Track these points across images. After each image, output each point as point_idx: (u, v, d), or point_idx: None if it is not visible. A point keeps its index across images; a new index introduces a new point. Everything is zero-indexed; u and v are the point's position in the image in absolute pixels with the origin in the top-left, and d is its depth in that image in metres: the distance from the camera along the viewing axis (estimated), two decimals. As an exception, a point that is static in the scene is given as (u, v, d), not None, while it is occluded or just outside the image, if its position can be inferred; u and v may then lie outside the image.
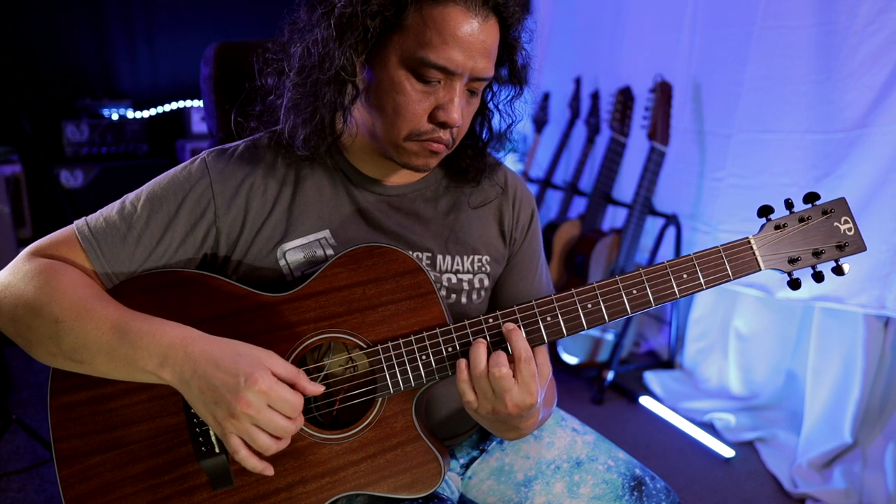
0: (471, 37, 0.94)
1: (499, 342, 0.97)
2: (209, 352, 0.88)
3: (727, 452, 2.46)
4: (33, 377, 2.91)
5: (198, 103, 4.47)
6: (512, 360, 0.92)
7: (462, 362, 0.94)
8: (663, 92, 2.79)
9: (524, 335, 0.95)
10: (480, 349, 0.93)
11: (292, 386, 0.90)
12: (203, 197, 1.03)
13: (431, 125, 0.99)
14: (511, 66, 1.07)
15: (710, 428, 2.64)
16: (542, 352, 0.97)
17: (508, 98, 1.11)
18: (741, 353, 2.80)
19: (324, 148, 1.04)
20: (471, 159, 1.14)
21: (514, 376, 0.91)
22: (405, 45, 0.95)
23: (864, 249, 1.01)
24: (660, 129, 2.80)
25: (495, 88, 1.10)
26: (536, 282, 1.22)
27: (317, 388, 0.92)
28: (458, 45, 0.93)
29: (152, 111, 4.53)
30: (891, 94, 2.05)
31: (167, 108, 4.57)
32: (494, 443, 1.22)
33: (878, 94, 2.09)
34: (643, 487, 1.10)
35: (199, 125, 4.39)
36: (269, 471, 0.92)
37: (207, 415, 0.88)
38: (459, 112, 0.98)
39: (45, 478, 2.25)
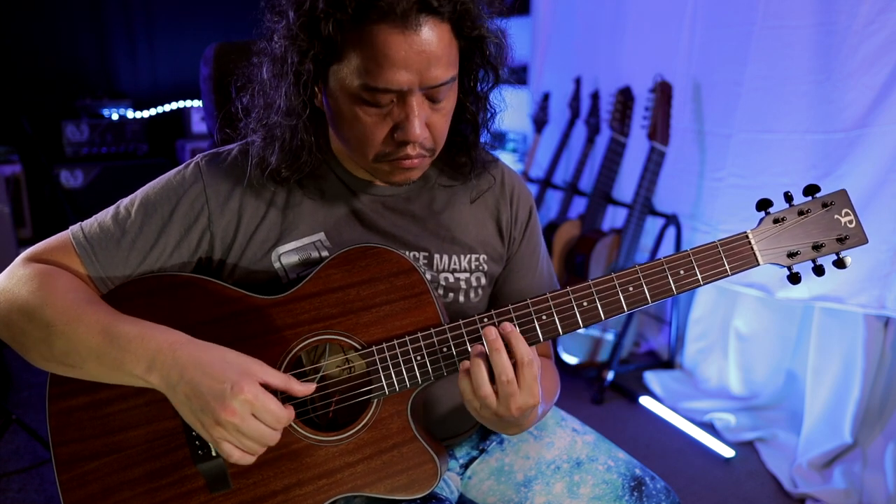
0: (407, 52, 0.88)
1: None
2: (196, 357, 0.88)
3: (727, 452, 2.46)
4: (33, 377, 2.92)
5: (198, 103, 4.48)
6: (511, 355, 0.91)
7: (466, 383, 0.92)
8: (663, 92, 2.79)
9: (522, 337, 0.93)
10: (480, 366, 0.90)
11: (284, 391, 0.90)
12: (197, 201, 1.03)
13: (394, 145, 0.96)
14: (481, 55, 0.99)
15: (710, 428, 2.64)
16: (535, 348, 0.96)
17: (489, 87, 1.05)
18: (741, 353, 2.80)
19: (296, 178, 1.04)
20: (465, 154, 1.12)
21: (517, 381, 0.90)
22: (346, 76, 0.91)
23: (866, 242, 0.99)
24: (660, 129, 2.80)
25: (480, 75, 1.04)
26: (538, 279, 1.22)
27: (307, 388, 0.92)
28: (395, 65, 0.88)
29: (152, 111, 4.53)
30: (891, 94, 2.05)
31: (167, 108, 4.57)
32: (494, 443, 1.22)
33: (878, 94, 2.09)
34: (643, 487, 1.10)
35: (199, 125, 4.39)
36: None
37: (194, 420, 0.88)
38: (421, 126, 0.94)
39: (45, 478, 2.25)
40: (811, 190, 0.99)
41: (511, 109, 1.11)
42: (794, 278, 1.00)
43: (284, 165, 1.01)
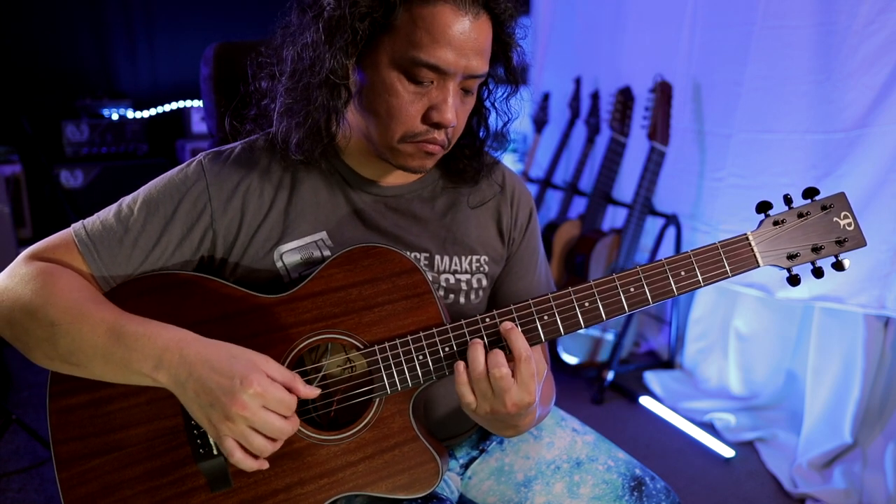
0: (462, 35, 0.93)
1: (496, 341, 0.97)
2: (204, 354, 0.88)
3: (727, 452, 2.46)
4: (33, 377, 2.92)
5: (198, 103, 4.47)
6: (511, 359, 0.92)
7: (460, 364, 0.93)
8: (663, 92, 2.79)
9: (522, 334, 0.94)
10: (478, 350, 0.92)
11: (288, 390, 0.90)
12: (199, 199, 1.03)
13: (425, 126, 0.98)
14: (506, 63, 1.06)
15: (710, 428, 2.64)
16: (538, 349, 0.97)
17: (504, 96, 1.10)
18: (741, 353, 2.80)
19: (318, 151, 1.04)
20: (468, 159, 1.13)
21: (513, 376, 0.91)
22: (396, 46, 0.94)
23: (865, 244, 1.00)
24: (660, 129, 2.80)
25: (491, 86, 1.09)
26: (535, 281, 1.22)
27: (312, 392, 0.92)
28: (449, 45, 0.92)
29: (152, 111, 4.53)
30: (891, 94, 2.05)
31: (167, 108, 4.57)
32: (494, 443, 1.22)
33: (878, 94, 2.09)
34: (643, 487, 1.10)
35: (199, 125, 4.39)
36: (265, 465, 0.92)
37: (202, 417, 0.88)
38: (454, 112, 0.97)
39: (45, 478, 2.25)
40: (810, 192, 1.00)
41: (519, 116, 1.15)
42: (794, 280, 1.01)
43: (309, 133, 1.01)
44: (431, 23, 0.92)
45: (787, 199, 1.00)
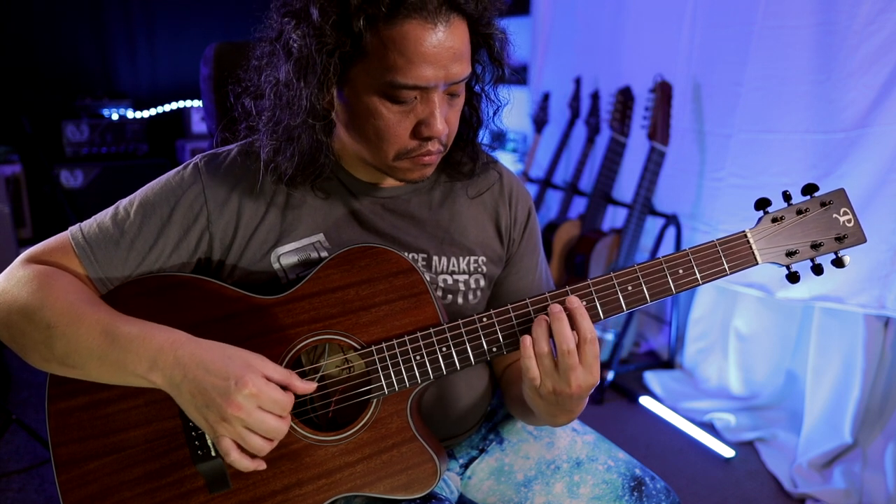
0: (436, 48, 0.89)
1: (493, 341, 0.97)
2: (198, 355, 0.88)
3: (727, 452, 2.46)
4: (33, 377, 2.92)
5: (198, 103, 4.47)
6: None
7: (527, 339, 0.93)
8: (663, 92, 2.79)
9: (587, 314, 0.93)
10: (542, 328, 0.92)
11: (285, 387, 0.90)
12: (195, 202, 1.03)
13: (417, 141, 0.96)
14: (489, 52, 1.03)
15: (710, 428, 2.64)
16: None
17: (491, 82, 1.07)
18: (741, 353, 2.80)
19: (310, 182, 1.04)
20: (463, 150, 1.12)
21: (578, 356, 0.91)
22: (371, 72, 0.92)
23: (864, 241, 0.99)
24: (660, 129, 2.80)
25: (478, 71, 1.05)
26: (536, 279, 1.22)
27: (308, 386, 0.92)
28: (424, 61, 0.89)
29: (152, 111, 4.53)
30: (891, 93, 2.05)
31: (167, 108, 4.57)
32: (494, 443, 1.22)
33: (878, 93, 2.09)
34: (643, 487, 1.10)
35: (199, 125, 4.39)
36: (261, 466, 0.92)
37: (199, 418, 0.89)
38: (443, 122, 0.95)
39: (45, 478, 2.25)
40: (809, 189, 0.99)
41: (511, 109, 1.12)
42: (793, 277, 1.00)
43: (301, 169, 1.00)
44: (402, 43, 0.89)
45: (786, 196, 1.00)
